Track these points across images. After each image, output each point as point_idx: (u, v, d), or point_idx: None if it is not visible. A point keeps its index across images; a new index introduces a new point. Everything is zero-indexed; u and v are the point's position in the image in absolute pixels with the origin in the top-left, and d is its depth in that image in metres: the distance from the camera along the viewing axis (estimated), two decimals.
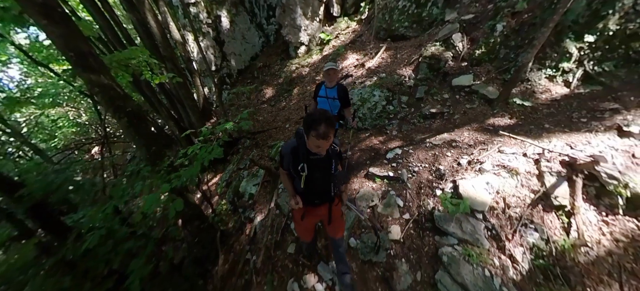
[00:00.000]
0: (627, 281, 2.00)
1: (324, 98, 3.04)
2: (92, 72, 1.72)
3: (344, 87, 3.01)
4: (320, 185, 1.75)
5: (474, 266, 2.31)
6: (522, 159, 2.98)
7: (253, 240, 3.42)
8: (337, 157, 1.71)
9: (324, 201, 1.87)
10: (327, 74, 2.96)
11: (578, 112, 3.64)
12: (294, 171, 1.68)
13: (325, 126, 1.37)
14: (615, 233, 2.27)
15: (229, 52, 6.81)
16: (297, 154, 1.62)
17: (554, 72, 4.43)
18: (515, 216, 2.56)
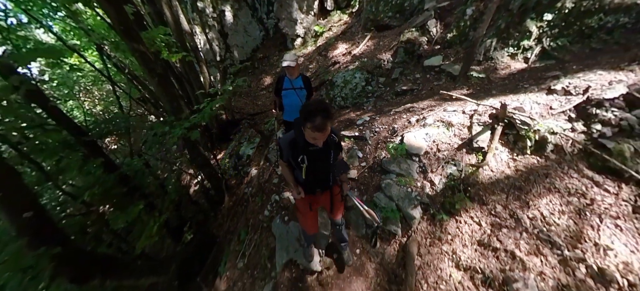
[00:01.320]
0: (512, 192, 2.50)
1: (290, 90, 2.92)
2: (134, 41, 2.48)
3: (307, 77, 3.02)
4: (321, 175, 1.76)
5: (401, 187, 2.90)
6: (460, 115, 3.50)
7: (250, 183, 4.17)
8: (336, 147, 1.70)
9: (324, 189, 1.88)
10: (287, 70, 2.88)
11: (526, 81, 4.07)
12: (294, 163, 1.68)
13: (321, 118, 1.34)
14: (519, 166, 2.77)
15: (232, 44, 7.71)
16: (296, 145, 1.60)
17: (516, 50, 4.86)
18: (442, 157, 3.10)
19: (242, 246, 2.97)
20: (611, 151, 2.48)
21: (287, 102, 3.05)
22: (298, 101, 2.98)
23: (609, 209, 2.20)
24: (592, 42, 4.35)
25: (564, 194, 2.40)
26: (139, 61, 2.54)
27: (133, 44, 2.36)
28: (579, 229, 2.16)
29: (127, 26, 2.43)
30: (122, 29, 2.37)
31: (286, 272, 2.53)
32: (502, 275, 2.08)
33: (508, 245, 2.24)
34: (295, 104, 3.00)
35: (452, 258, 2.34)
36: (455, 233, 2.49)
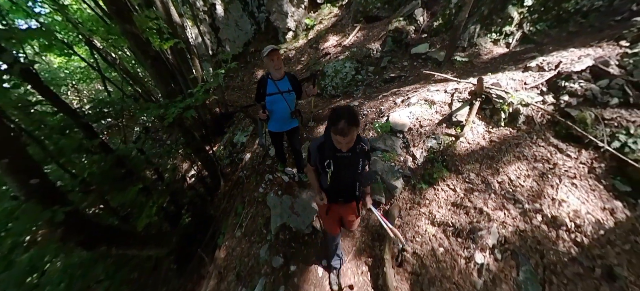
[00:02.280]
0: (485, 161, 2.77)
1: (276, 94, 2.39)
2: (126, 22, 2.67)
3: (294, 75, 2.55)
4: (346, 183, 1.74)
5: (385, 162, 3.15)
6: (442, 94, 3.77)
7: (244, 167, 4.39)
8: (365, 156, 1.68)
9: (348, 199, 1.86)
10: (270, 61, 2.29)
11: (506, 63, 4.35)
12: (320, 168, 1.69)
13: (344, 122, 1.35)
14: (493, 137, 3.04)
15: (224, 38, 7.91)
16: (324, 150, 1.61)
17: (498, 36, 5.14)
18: (424, 132, 3.36)
19: (239, 219, 3.20)
20: (575, 119, 2.75)
21: (275, 109, 2.48)
22: (287, 107, 2.47)
23: (568, 171, 2.47)
24: (569, 26, 4.65)
25: (530, 161, 2.67)
26: (132, 42, 2.75)
27: (125, 26, 2.57)
28: (541, 188, 2.42)
29: (119, 6, 2.63)
30: (114, 9, 2.58)
31: (280, 234, 2.77)
32: (469, 226, 2.35)
33: (477, 204, 2.50)
34: (285, 111, 2.50)
35: (428, 217, 2.59)
36: (432, 198, 2.75)
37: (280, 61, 2.35)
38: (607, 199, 2.21)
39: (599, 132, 2.57)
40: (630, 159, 2.27)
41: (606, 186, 2.29)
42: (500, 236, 2.25)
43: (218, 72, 3.23)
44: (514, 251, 2.15)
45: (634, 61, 2.88)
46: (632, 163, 2.24)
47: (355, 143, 1.55)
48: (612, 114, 2.62)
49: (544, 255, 2.06)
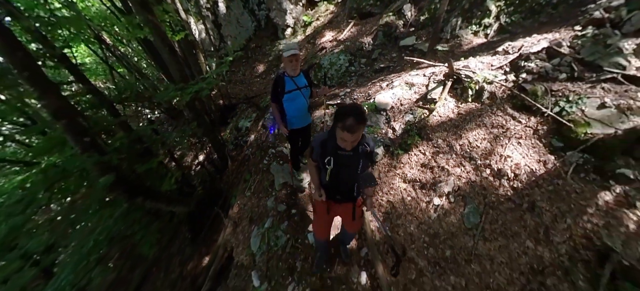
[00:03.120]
0: (452, 130, 3.31)
1: (295, 91, 2.45)
2: (149, 13, 3.25)
3: (307, 71, 2.67)
4: (345, 182, 1.74)
5: (370, 134, 3.69)
6: (421, 77, 4.31)
7: (249, 147, 4.98)
8: (367, 157, 1.66)
9: (346, 199, 1.86)
10: (289, 62, 2.35)
11: (482, 52, 4.88)
12: (321, 164, 1.70)
13: (353, 119, 1.35)
14: (461, 111, 3.57)
15: (226, 34, 8.50)
16: (326, 146, 1.62)
17: (478, 28, 5.67)
18: (404, 109, 3.90)
19: (248, 184, 3.78)
20: (528, 92, 3.28)
21: (293, 107, 2.54)
22: (305, 103, 2.56)
23: (517, 133, 3.00)
24: (540, 17, 5.17)
25: (488, 128, 3.20)
26: (153, 32, 3.32)
27: (148, 16, 3.14)
28: (493, 148, 2.96)
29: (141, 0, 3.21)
30: (139, 1, 3.15)
31: (283, 190, 3.35)
32: (432, 180, 2.89)
33: (441, 163, 3.04)
34: (304, 107, 2.58)
35: (401, 176, 3.14)
36: (406, 162, 3.29)
37: (299, 62, 2.41)
38: (543, 154, 2.73)
39: (546, 102, 3.09)
40: (565, 120, 2.79)
41: (545, 144, 2.81)
42: (455, 185, 2.79)
43: (226, 60, 3.79)
44: (463, 195, 2.68)
45: (582, 42, 3.41)
46: (566, 123, 2.77)
47: (359, 143, 1.55)
48: (559, 87, 3.15)
49: (486, 197, 2.59)
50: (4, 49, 1.94)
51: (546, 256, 2.06)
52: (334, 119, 1.46)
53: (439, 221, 2.61)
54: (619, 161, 2.38)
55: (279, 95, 2.46)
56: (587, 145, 2.53)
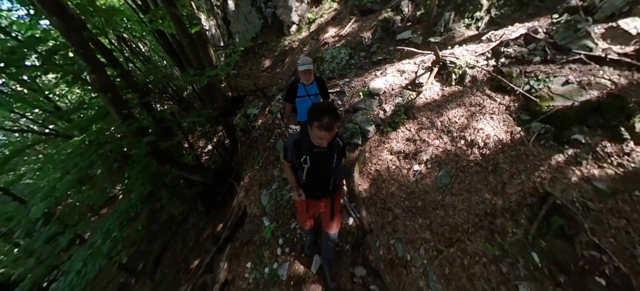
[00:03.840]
0: (435, 109, 3.70)
1: (305, 97, 2.81)
2: (173, 6, 3.77)
3: (322, 79, 2.95)
4: (322, 178, 1.79)
5: (364, 116, 4.13)
6: (412, 65, 4.71)
7: (257, 130, 5.49)
8: (340, 151, 1.73)
9: (324, 194, 1.92)
10: (303, 74, 2.77)
11: (472, 42, 5.22)
12: (296, 163, 1.74)
13: (329, 118, 1.39)
14: (444, 93, 3.96)
15: (234, 31, 9.04)
16: (301, 146, 1.66)
17: (470, 21, 6.00)
18: (394, 93, 4.31)
19: (257, 159, 4.27)
20: (504, 74, 3.64)
21: (303, 108, 2.94)
22: None
23: (491, 110, 3.37)
24: (528, 9, 5.47)
25: (467, 106, 3.58)
26: (175, 22, 3.84)
27: (171, 9, 3.65)
28: (469, 123, 3.34)
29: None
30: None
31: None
32: (414, 151, 3.29)
33: (423, 137, 3.44)
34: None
35: (389, 149, 3.55)
36: (393, 137, 3.70)
37: (311, 75, 2.81)
38: (511, 126, 3.10)
39: (519, 82, 3.45)
40: (533, 96, 3.15)
41: (514, 118, 3.18)
42: (433, 154, 3.19)
43: (237, 50, 4.29)
44: (439, 162, 3.08)
45: (556, 28, 3.76)
46: (533, 99, 3.13)
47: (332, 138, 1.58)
48: (532, 68, 3.50)
49: (458, 162, 2.99)
50: (67, 30, 2.46)
51: (499, 204, 2.45)
52: (309, 118, 1.50)
53: (416, 183, 3.02)
54: (574, 129, 2.74)
55: (292, 97, 2.90)
56: (546, 115, 2.89)
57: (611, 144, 2.51)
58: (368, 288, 2.31)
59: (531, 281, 1.95)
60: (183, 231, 5.96)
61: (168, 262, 5.30)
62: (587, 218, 2.08)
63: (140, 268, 5.94)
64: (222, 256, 3.18)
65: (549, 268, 1.97)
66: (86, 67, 2.66)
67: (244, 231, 3.36)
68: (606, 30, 3.44)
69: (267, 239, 2.99)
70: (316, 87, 2.85)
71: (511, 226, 2.29)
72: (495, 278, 2.04)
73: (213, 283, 2.90)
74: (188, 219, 6.11)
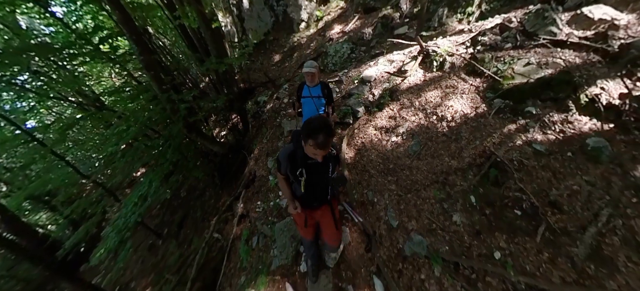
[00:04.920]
0: (416, 92, 4.14)
1: (308, 98, 2.93)
2: (198, 3, 4.44)
3: (327, 84, 2.99)
4: (319, 188, 1.78)
5: (356, 99, 4.62)
6: (400, 55, 5.15)
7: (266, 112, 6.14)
8: (335, 160, 1.71)
9: (322, 203, 1.90)
10: (306, 76, 2.89)
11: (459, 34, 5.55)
12: (292, 176, 1.70)
13: (323, 136, 1.37)
14: (426, 78, 4.38)
15: (248, 28, 9.72)
16: (295, 159, 1.62)
17: (462, 16, 6.31)
18: (383, 79, 4.78)
19: (265, 136, 4.89)
20: (478, 60, 4.01)
21: (305, 110, 3.06)
22: (314, 109, 2.98)
23: (463, 90, 3.77)
24: (516, 3, 5.71)
25: (443, 88, 3.99)
26: (199, 18, 4.48)
27: (198, 6, 4.30)
28: (442, 101, 3.76)
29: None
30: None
31: (289, 135, 4.39)
32: (394, 126, 3.76)
33: (402, 114, 3.90)
34: (312, 112, 3.02)
35: (373, 126, 4.04)
36: (379, 116, 4.18)
37: (314, 78, 2.91)
38: (477, 103, 3.50)
39: (490, 66, 3.82)
40: (498, 77, 3.53)
41: (481, 97, 3.57)
42: (408, 128, 3.65)
43: (251, 42, 4.91)
44: (413, 134, 3.54)
45: (528, 16, 4.08)
46: (498, 78, 3.51)
47: None
48: (502, 54, 3.87)
49: (428, 133, 3.43)
50: (123, 21, 3.18)
51: (454, 165, 2.89)
52: (303, 134, 1.47)
53: (392, 151, 3.49)
54: (529, 102, 3.12)
55: (298, 97, 3.08)
56: (505, 91, 3.27)
57: (557, 114, 2.89)
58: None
59: (464, 212, 2.40)
60: (201, 203, 6.69)
61: (190, 226, 6.04)
62: (519, 172, 2.49)
63: (165, 232, 6.73)
64: (239, 201, 3.87)
65: (480, 205, 2.41)
66: (136, 50, 3.36)
67: (254, 186, 4.04)
68: (571, 17, 3.75)
69: (272, 187, 3.77)
70: (319, 90, 2.93)
71: (460, 180, 2.73)
72: (436, 211, 2.51)
73: (233, 217, 3.59)
74: (205, 193, 6.84)
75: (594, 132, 2.58)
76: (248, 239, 3.24)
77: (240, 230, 3.45)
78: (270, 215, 3.35)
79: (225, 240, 3.46)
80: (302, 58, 9.26)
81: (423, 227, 2.47)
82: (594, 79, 2.89)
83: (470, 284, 1.96)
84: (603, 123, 2.62)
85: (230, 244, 3.33)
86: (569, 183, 2.27)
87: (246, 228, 3.45)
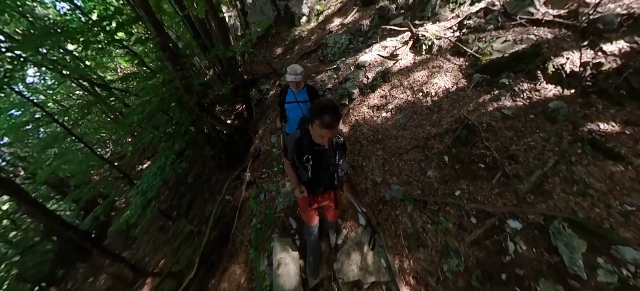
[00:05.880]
0: (405, 73, 4.53)
1: (294, 103, 2.77)
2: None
3: (313, 87, 2.86)
4: (325, 174, 1.82)
5: (351, 82, 5.04)
6: (393, 41, 5.54)
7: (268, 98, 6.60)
8: (341, 148, 1.75)
9: (327, 189, 1.95)
10: (291, 85, 2.78)
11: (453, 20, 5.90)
12: (298, 162, 1.75)
13: (330, 116, 1.39)
14: (416, 61, 4.77)
15: (251, 21, 10.19)
16: (302, 145, 1.66)
17: (454, 5, 6.63)
18: (376, 64, 5.17)
19: (268, 117, 5.39)
20: (463, 41, 4.37)
21: (291, 116, 2.93)
22: (301, 114, 2.83)
23: (447, 69, 4.14)
24: None
25: (430, 68, 4.37)
26: (208, 5, 4.95)
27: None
28: (428, 80, 4.15)
29: None
30: None
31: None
32: (384, 103, 4.16)
33: (392, 93, 4.30)
34: (300, 117, 2.77)
35: (366, 105, 4.46)
36: (372, 97, 4.59)
37: (299, 86, 2.76)
38: (459, 79, 3.88)
39: (473, 46, 4.18)
40: (477, 54, 3.90)
41: (463, 74, 3.95)
42: (397, 104, 4.05)
43: (255, 30, 5.36)
44: (400, 109, 3.94)
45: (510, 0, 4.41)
46: (478, 56, 3.88)
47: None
48: (484, 34, 4.23)
49: (414, 108, 3.83)
50: (142, 4, 3.67)
51: (433, 131, 3.29)
52: (311, 115, 1.49)
53: (381, 125, 3.91)
54: (503, 75, 3.49)
55: (281, 102, 2.91)
56: (482, 66, 3.65)
57: (527, 83, 3.26)
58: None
59: (437, 168, 2.81)
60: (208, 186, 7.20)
61: (198, 207, 6.55)
62: (487, 132, 2.87)
63: (175, 214, 7.27)
64: (246, 171, 4.47)
65: (451, 162, 2.81)
66: (153, 32, 3.87)
67: (260, 159, 4.54)
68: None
69: (275, 156, 4.26)
70: (306, 94, 2.80)
71: (437, 144, 3.13)
72: (414, 168, 2.93)
73: (241, 184, 4.14)
74: (211, 178, 7.35)
75: (557, 97, 2.94)
76: (256, 196, 3.75)
77: (249, 193, 3.93)
78: (275, 178, 3.84)
79: (236, 201, 3.94)
80: (303, 50, 9.70)
81: (402, 181, 2.89)
82: (561, 50, 3.25)
83: (434, 214, 2.37)
84: (565, 88, 2.98)
85: (241, 204, 3.80)
86: (527, 139, 2.65)
87: (254, 190, 3.95)
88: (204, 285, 3.06)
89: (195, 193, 7.60)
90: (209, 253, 3.42)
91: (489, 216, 2.18)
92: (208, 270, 3.21)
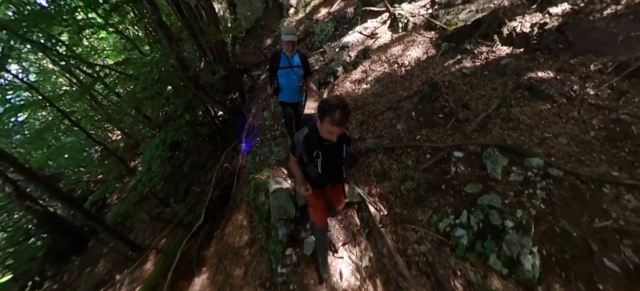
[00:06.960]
0: (384, 49, 5.00)
1: (288, 68, 2.73)
2: None
3: (304, 54, 2.86)
4: (334, 168, 1.87)
5: (336, 62, 5.50)
6: (374, 22, 6.00)
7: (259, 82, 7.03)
8: (347, 141, 1.83)
9: (335, 183, 2.02)
10: (287, 45, 2.71)
11: None
12: (308, 159, 1.81)
13: (341, 113, 1.45)
14: (393, 38, 5.25)
15: (240, 14, 10.60)
16: (311, 141, 1.73)
17: None
18: (358, 43, 5.65)
19: (259, 97, 5.85)
20: (434, 16, 4.85)
21: (284, 83, 2.84)
22: (295, 80, 2.81)
23: (419, 42, 4.62)
24: None
25: (405, 44, 4.85)
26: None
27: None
28: (402, 53, 4.63)
29: None
30: None
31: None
32: (364, 77, 4.64)
33: (372, 67, 4.78)
34: (294, 84, 2.85)
35: (350, 80, 4.93)
36: (354, 73, 5.06)
37: (294, 48, 2.73)
38: (429, 49, 4.36)
39: (442, 19, 4.66)
40: (445, 25, 4.38)
41: (433, 45, 4.44)
42: (375, 77, 4.53)
43: (245, 14, 5.77)
44: (378, 80, 4.41)
45: None
46: (446, 27, 4.35)
47: None
48: (453, 9, 4.70)
49: (390, 78, 4.31)
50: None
51: (405, 95, 3.78)
52: (320, 114, 1.54)
53: (361, 95, 4.39)
54: (466, 41, 3.97)
55: (274, 68, 2.79)
56: (449, 35, 4.13)
57: (485, 47, 3.75)
58: None
59: (405, 123, 3.30)
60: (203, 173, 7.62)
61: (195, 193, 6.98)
62: (447, 88, 3.36)
63: (172, 201, 7.69)
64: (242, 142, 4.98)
65: (417, 117, 3.29)
66: (149, 9, 4.29)
67: (254, 132, 4.99)
68: None
69: (267, 126, 4.79)
70: (299, 60, 2.79)
71: (407, 104, 3.62)
72: (387, 124, 3.47)
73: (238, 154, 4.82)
74: (206, 165, 7.77)
75: (508, 56, 3.44)
76: (252, 158, 4.23)
77: (245, 161, 4.40)
78: (268, 143, 4.37)
79: (234, 168, 4.42)
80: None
81: (376, 136, 3.38)
82: (515, 15, 3.74)
83: (398, 156, 2.87)
84: (516, 48, 3.47)
85: (238, 170, 4.28)
86: (479, 91, 3.15)
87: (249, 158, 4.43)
88: (210, 233, 3.57)
89: (191, 180, 8.02)
90: (213, 209, 3.91)
91: (439, 151, 2.67)
92: (213, 222, 3.71)
